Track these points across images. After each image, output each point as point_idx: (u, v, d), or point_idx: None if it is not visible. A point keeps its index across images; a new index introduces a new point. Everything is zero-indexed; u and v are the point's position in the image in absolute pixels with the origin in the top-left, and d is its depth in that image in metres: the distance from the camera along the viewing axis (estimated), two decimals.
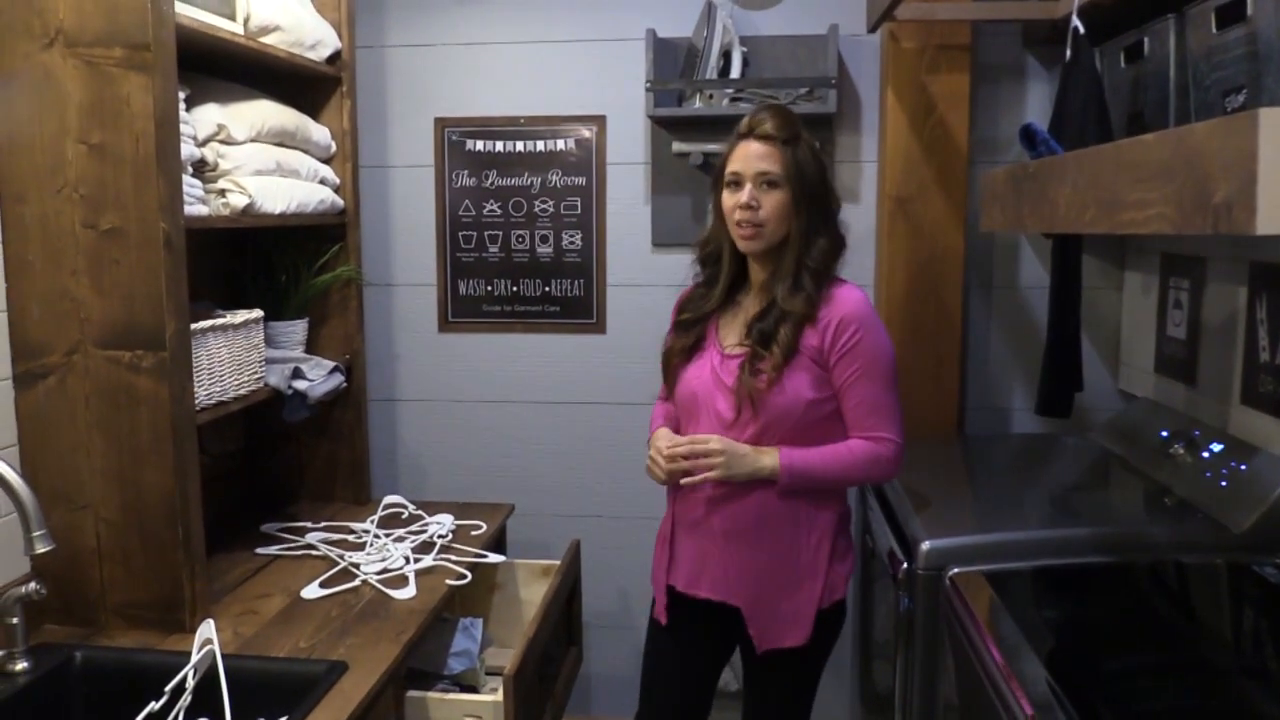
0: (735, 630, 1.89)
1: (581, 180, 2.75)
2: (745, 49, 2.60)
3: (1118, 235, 2.53)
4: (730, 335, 1.89)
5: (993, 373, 2.69)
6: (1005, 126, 2.58)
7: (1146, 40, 1.92)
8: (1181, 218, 1.00)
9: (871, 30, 2.46)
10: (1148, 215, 1.09)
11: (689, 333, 1.93)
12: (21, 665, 1.59)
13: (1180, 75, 1.81)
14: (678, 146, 2.65)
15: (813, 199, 1.81)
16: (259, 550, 2.29)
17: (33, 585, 1.62)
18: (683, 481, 1.82)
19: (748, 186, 1.79)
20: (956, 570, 1.75)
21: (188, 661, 1.59)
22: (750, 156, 1.80)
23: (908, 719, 1.92)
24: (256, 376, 2.14)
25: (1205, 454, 1.98)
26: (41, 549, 1.39)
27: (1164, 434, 2.13)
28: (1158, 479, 2.06)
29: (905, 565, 1.88)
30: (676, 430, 1.94)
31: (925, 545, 1.82)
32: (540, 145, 2.75)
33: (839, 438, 1.83)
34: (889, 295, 2.56)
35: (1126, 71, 2.02)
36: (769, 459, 1.78)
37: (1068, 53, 1.92)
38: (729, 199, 1.83)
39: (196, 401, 1.87)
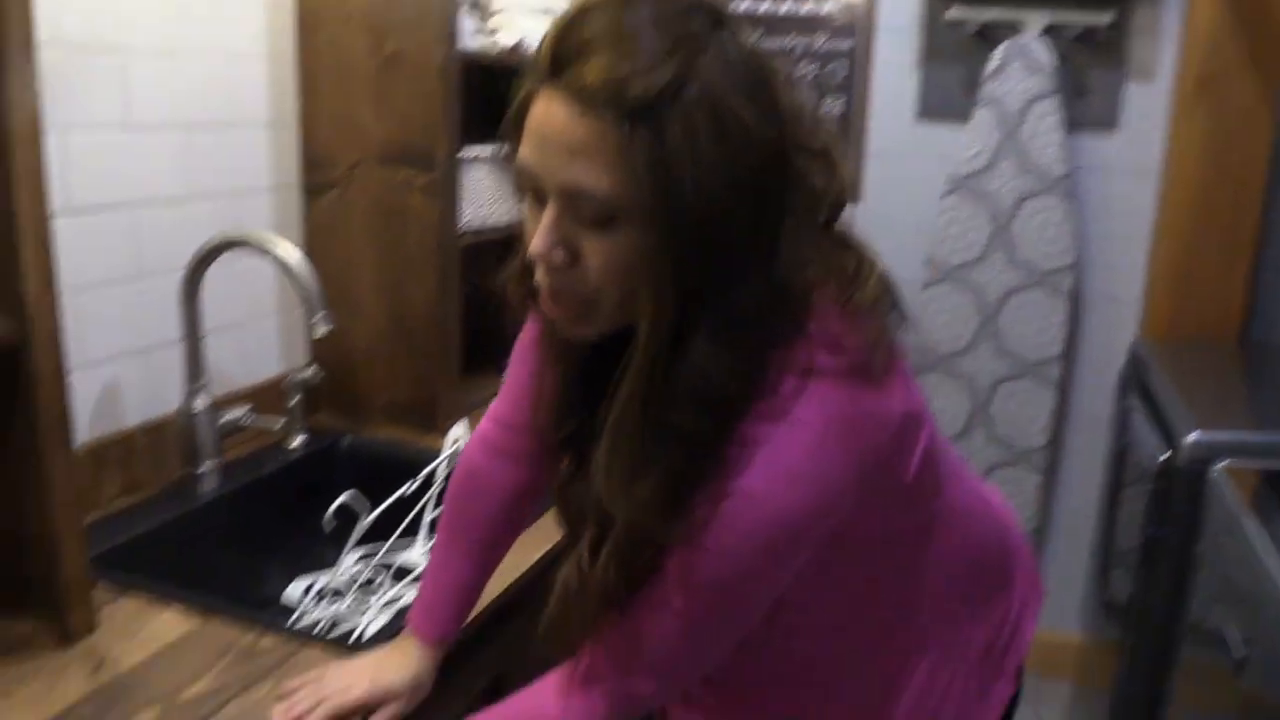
0: None
1: (847, 44, 2.64)
2: None
3: None
4: None
5: None
6: None
7: None
8: None
9: None
10: None
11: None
12: (298, 440, 1.77)
13: None
14: (953, 14, 2.49)
15: (719, 227, 0.77)
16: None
17: (311, 370, 1.79)
18: None
19: (550, 208, 0.80)
20: (1226, 463, 1.59)
21: (439, 455, 1.70)
22: (549, 144, 0.78)
23: (1145, 629, 1.80)
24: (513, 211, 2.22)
25: None
26: (322, 331, 1.52)
27: None
28: None
29: (1163, 459, 1.74)
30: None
31: (1191, 436, 1.66)
32: (807, 7, 2.66)
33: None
34: (1178, 183, 2.32)
35: None
36: None
37: None
38: (529, 220, 0.85)
39: (461, 224, 1.97)
